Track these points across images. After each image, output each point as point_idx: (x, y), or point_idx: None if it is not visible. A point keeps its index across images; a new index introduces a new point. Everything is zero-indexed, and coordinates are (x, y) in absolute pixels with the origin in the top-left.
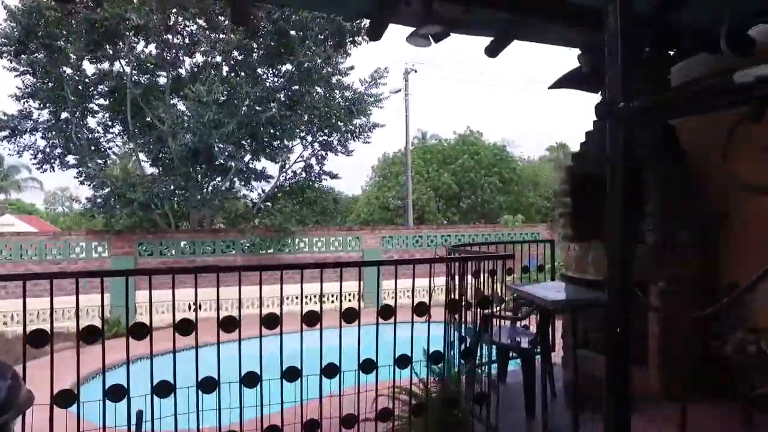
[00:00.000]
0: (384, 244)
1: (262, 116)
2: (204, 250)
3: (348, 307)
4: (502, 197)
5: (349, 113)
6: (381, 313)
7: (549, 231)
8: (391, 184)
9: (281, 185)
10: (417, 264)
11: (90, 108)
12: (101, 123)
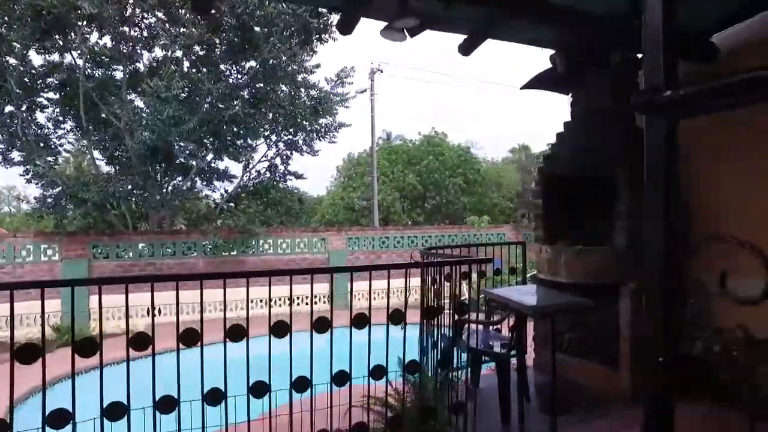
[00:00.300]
0: (350, 245)
1: (224, 114)
2: (164, 252)
3: (320, 317)
4: (466, 198)
5: (314, 112)
6: (355, 323)
7: (514, 231)
8: (356, 184)
9: (245, 185)
10: (393, 269)
11: (38, 102)
12: (51, 118)
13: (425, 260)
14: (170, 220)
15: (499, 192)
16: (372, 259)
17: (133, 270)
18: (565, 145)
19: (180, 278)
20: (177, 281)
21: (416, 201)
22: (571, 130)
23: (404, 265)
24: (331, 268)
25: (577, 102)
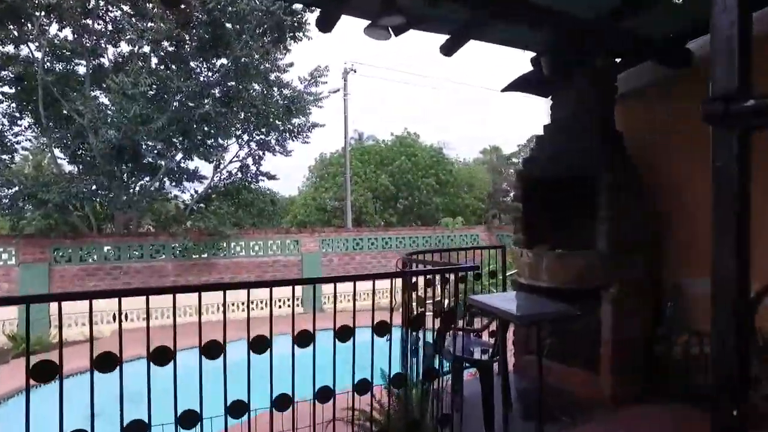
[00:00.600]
0: (324, 247)
1: (195, 113)
2: (131, 254)
3: (302, 330)
4: (438, 198)
5: (287, 112)
6: (338, 335)
7: (487, 233)
8: (329, 184)
9: (216, 186)
10: (377, 279)
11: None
12: (6, 114)
13: (407, 267)
14: (137, 222)
15: (471, 193)
16: (346, 261)
17: (97, 274)
18: (545, 148)
19: (150, 292)
20: (147, 295)
21: (389, 201)
22: (551, 132)
23: (390, 274)
24: (315, 279)
25: (557, 105)
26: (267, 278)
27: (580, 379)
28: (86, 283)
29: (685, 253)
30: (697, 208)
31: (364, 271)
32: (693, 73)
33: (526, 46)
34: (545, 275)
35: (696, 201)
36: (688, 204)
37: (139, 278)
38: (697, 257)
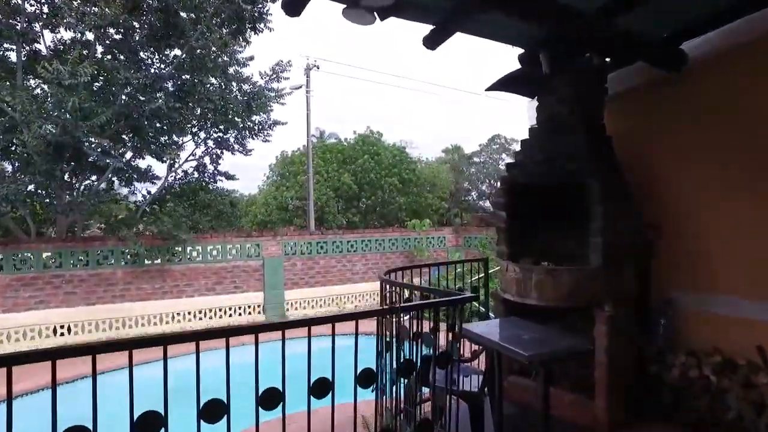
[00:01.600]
0: (286, 251)
1: (145, 107)
2: (75, 262)
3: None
4: (402, 198)
5: (247, 108)
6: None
7: (454, 234)
8: (290, 183)
9: (170, 186)
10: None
11: None
12: None
13: (388, 291)
14: (83, 226)
15: (434, 192)
16: (309, 265)
17: (35, 283)
18: (531, 152)
19: (169, 341)
20: (165, 345)
21: (351, 201)
22: (537, 135)
23: (375, 312)
24: (286, 323)
25: (544, 106)
26: (226, 284)
27: (571, 403)
28: (21, 294)
29: (677, 265)
30: (689, 217)
31: (328, 275)
32: (686, 75)
33: (514, 42)
34: (534, 292)
35: (688, 209)
36: (680, 213)
37: (84, 287)
38: (690, 270)
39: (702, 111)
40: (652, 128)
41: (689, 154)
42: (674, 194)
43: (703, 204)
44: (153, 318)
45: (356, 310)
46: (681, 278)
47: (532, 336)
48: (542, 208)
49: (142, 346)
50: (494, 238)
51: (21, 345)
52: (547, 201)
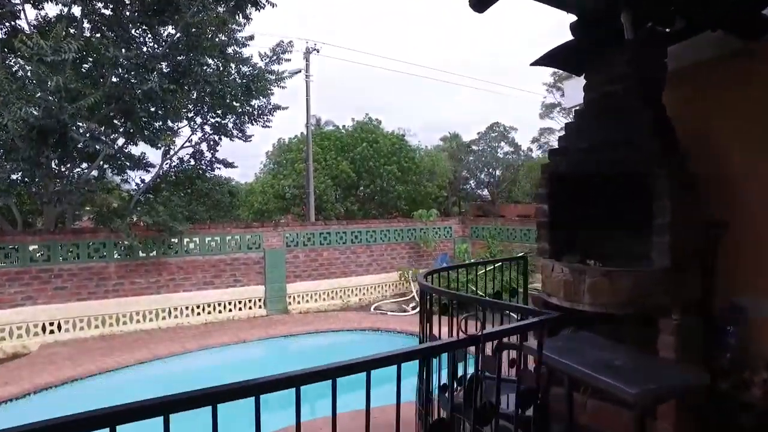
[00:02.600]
0: (289, 242)
1: (137, 89)
2: (64, 255)
3: None
4: (401, 186)
5: (247, 92)
6: None
7: (461, 225)
8: (287, 171)
9: (165, 174)
10: (405, 361)
11: None
12: None
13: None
14: (73, 216)
15: (433, 181)
16: (312, 257)
17: (21, 278)
18: (577, 138)
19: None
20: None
21: (349, 189)
22: (586, 118)
23: (457, 344)
24: (326, 369)
25: (594, 84)
26: (225, 277)
27: (627, 421)
28: (7, 290)
29: (746, 266)
30: (763, 211)
31: (332, 267)
32: (766, 48)
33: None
34: (587, 296)
35: (762, 203)
36: (751, 207)
37: (75, 282)
38: (764, 272)
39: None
40: (719, 110)
41: (765, 141)
42: (745, 186)
43: None
44: (148, 314)
45: (360, 303)
46: (752, 281)
47: (622, 361)
48: (589, 201)
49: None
50: (503, 228)
51: (6, 344)
52: (595, 193)
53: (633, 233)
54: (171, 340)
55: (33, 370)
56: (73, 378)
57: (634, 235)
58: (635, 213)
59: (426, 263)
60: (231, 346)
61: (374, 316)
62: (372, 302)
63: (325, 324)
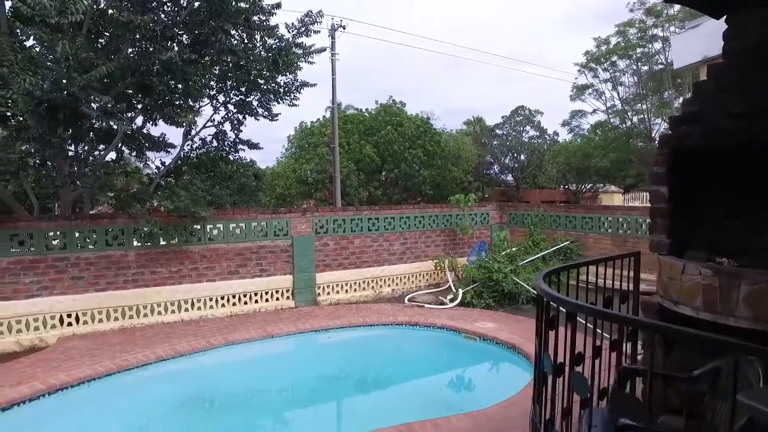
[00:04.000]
0: (317, 229)
1: (155, 59)
2: (81, 243)
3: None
4: (425, 171)
5: (273, 67)
6: None
7: (498, 211)
8: (309, 156)
9: (186, 156)
10: None
11: None
12: None
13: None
14: (90, 201)
15: (458, 165)
16: (343, 245)
17: (37, 267)
18: (716, 101)
19: None
20: None
21: (373, 174)
22: (725, 77)
23: None
24: None
25: (748, 27)
26: (251, 267)
27: None
28: (22, 279)
29: None
30: None
31: (363, 255)
32: None
33: None
34: (745, 309)
35: None
36: None
37: (93, 271)
38: None
39: None
40: None
41: None
42: None
43: None
44: (170, 305)
45: (393, 294)
46: None
47: None
48: (734, 183)
49: None
50: (545, 215)
51: (23, 337)
52: (745, 172)
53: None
54: (194, 335)
55: (47, 368)
56: (90, 377)
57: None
58: None
59: (462, 252)
60: (258, 341)
61: (410, 309)
62: (405, 293)
63: (359, 318)
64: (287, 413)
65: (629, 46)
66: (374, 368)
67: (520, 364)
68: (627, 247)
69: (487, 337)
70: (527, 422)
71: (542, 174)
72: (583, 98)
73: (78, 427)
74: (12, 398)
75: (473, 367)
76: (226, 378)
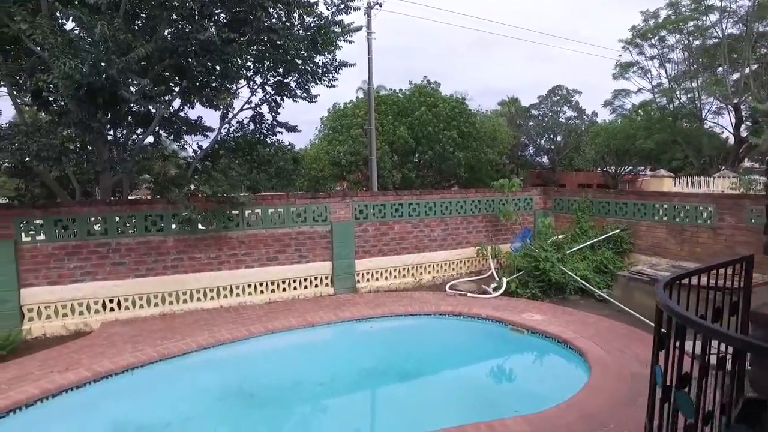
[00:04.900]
0: (356, 214)
1: (193, 39)
2: (121, 228)
3: None
4: (460, 153)
5: (312, 46)
6: None
7: (542, 196)
8: (343, 137)
9: (223, 140)
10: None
11: None
12: None
13: None
14: (129, 186)
15: (494, 147)
16: (383, 231)
17: (80, 252)
18: None
19: None
20: None
21: (407, 155)
22: None
23: None
24: None
25: None
26: (289, 253)
27: None
28: (66, 264)
29: None
30: None
31: (403, 242)
32: None
33: None
34: None
35: None
36: None
37: (133, 257)
38: None
39: None
40: None
41: None
42: None
43: None
44: (209, 292)
45: (434, 282)
46: None
47: None
48: None
49: None
50: (594, 201)
51: (69, 321)
52: None
53: None
54: (234, 322)
55: (92, 354)
56: (133, 365)
57: None
58: None
59: (505, 238)
60: (298, 330)
61: (453, 298)
62: (446, 280)
63: (400, 306)
64: (328, 408)
65: (680, 18)
66: (417, 361)
67: (573, 361)
68: (684, 237)
69: (536, 330)
70: (587, 428)
71: (579, 156)
72: (627, 76)
73: (122, 416)
74: (61, 384)
75: (522, 363)
76: (266, 369)
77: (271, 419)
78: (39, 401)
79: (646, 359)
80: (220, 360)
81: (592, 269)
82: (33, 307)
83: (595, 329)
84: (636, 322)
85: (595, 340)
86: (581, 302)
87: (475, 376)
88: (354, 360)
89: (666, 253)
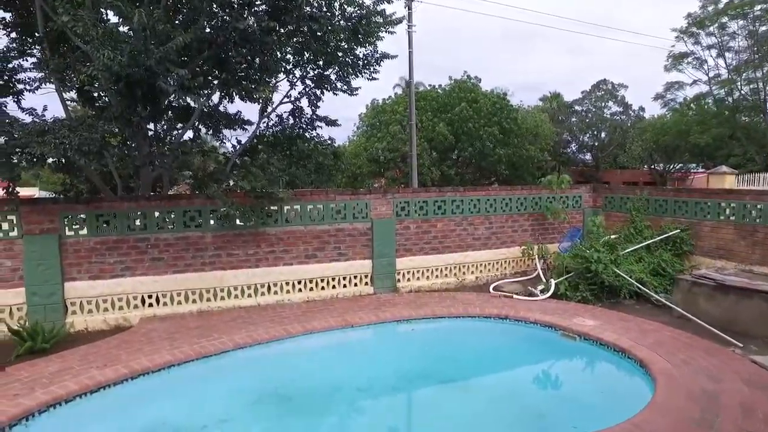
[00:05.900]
0: (398, 211)
1: (232, 29)
2: (160, 223)
3: None
4: (501, 150)
5: (353, 37)
6: None
7: (592, 194)
8: (381, 134)
9: (262, 134)
10: None
11: None
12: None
13: None
14: (169, 181)
15: (536, 144)
16: (425, 229)
17: (120, 247)
18: None
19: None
20: None
21: (446, 152)
22: None
23: None
24: None
25: None
26: (329, 250)
27: None
28: (107, 259)
29: None
30: None
31: (446, 240)
32: None
33: None
34: None
35: None
36: None
37: (171, 253)
38: None
39: None
40: None
41: None
42: None
43: None
44: (247, 289)
45: (477, 282)
46: None
47: None
48: None
49: None
50: (649, 199)
51: (109, 316)
52: None
53: None
54: (271, 321)
55: (130, 350)
56: (170, 363)
57: None
58: None
59: (552, 238)
60: (337, 330)
61: (498, 300)
62: (490, 281)
63: (443, 308)
64: (366, 415)
65: (745, 2)
66: (461, 366)
67: (633, 373)
68: (757, 239)
69: (589, 336)
70: None
71: (624, 153)
72: (681, 68)
73: (156, 416)
74: (99, 381)
75: (575, 373)
76: (304, 371)
77: (306, 426)
78: (78, 397)
79: (717, 374)
80: (256, 360)
81: (648, 272)
82: (75, 301)
83: (655, 338)
84: (700, 331)
85: (656, 350)
86: (637, 307)
87: (523, 384)
88: (394, 363)
89: (733, 256)
